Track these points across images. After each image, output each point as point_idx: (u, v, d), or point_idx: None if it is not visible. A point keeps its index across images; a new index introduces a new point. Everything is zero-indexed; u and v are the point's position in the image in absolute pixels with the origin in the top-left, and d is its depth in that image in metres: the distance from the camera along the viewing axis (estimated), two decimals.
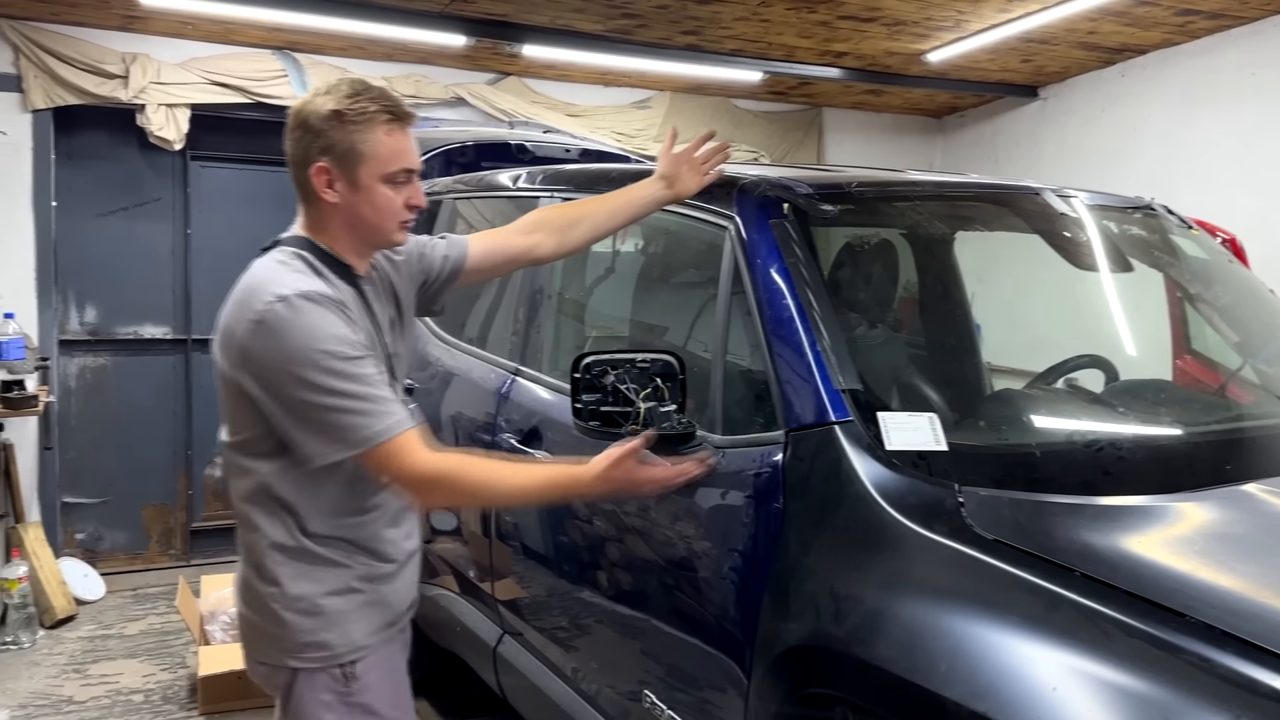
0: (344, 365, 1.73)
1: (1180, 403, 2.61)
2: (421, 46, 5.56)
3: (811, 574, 1.84)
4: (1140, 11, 4.99)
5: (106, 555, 5.67)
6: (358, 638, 1.89)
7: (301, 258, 1.84)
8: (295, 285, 1.75)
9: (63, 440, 5.45)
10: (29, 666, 4.40)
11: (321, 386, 1.72)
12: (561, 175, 3.18)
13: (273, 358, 1.73)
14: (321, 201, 1.86)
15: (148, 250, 5.72)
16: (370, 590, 1.91)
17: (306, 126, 1.83)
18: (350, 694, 1.89)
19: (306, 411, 1.74)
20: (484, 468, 1.88)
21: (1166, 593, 1.47)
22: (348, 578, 1.89)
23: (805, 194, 2.29)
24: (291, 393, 1.73)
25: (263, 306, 1.73)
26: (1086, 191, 2.75)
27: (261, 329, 1.72)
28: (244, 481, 1.89)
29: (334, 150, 1.82)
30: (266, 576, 1.87)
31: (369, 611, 1.91)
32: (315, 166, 1.83)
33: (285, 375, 1.72)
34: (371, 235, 1.90)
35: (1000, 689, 1.44)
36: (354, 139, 1.81)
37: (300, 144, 1.85)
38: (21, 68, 5.11)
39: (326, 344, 1.73)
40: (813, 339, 2.00)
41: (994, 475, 1.87)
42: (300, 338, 1.72)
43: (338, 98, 1.82)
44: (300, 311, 1.72)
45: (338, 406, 1.73)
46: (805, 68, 6.00)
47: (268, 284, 1.76)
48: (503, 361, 3.08)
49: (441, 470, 1.80)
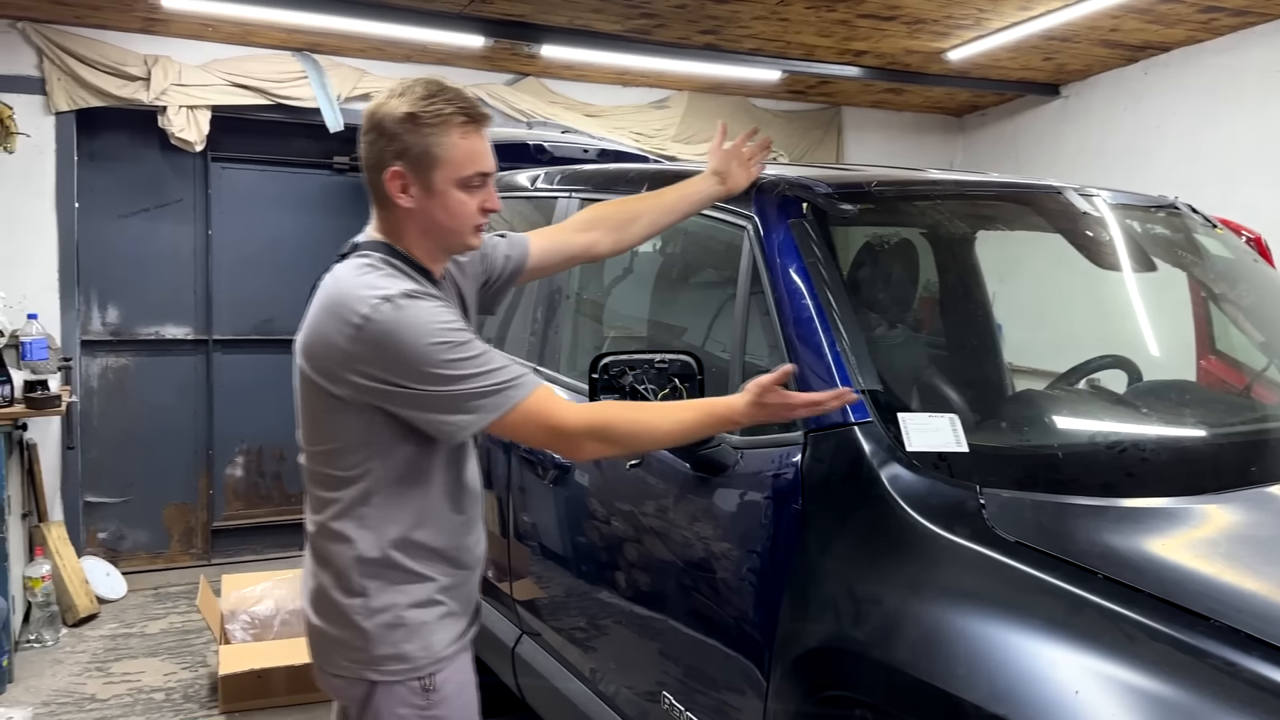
0: (462, 348, 1.72)
1: (1204, 403, 2.58)
2: (440, 48, 5.57)
3: (831, 575, 1.83)
4: (1163, 9, 4.95)
5: (128, 554, 5.71)
6: (438, 649, 1.86)
7: (388, 263, 1.81)
8: (394, 286, 1.73)
9: (85, 440, 5.50)
10: (52, 664, 4.44)
11: (448, 374, 1.70)
12: (580, 175, 3.18)
13: (390, 357, 1.70)
14: (396, 206, 1.83)
15: (169, 251, 5.76)
16: (450, 601, 1.90)
17: (381, 129, 1.80)
18: (429, 706, 1.86)
19: (441, 399, 1.72)
20: (632, 412, 1.85)
21: (1191, 596, 1.46)
22: (431, 589, 1.87)
23: (824, 193, 2.28)
24: (420, 386, 1.71)
25: (367, 309, 1.70)
26: (1109, 190, 2.72)
27: (368, 332, 1.70)
28: (329, 493, 1.85)
29: (408, 154, 1.78)
30: (350, 588, 1.84)
31: (448, 622, 1.89)
32: (389, 171, 1.80)
33: (410, 372, 1.70)
34: (446, 240, 1.87)
35: (1021, 692, 1.43)
36: (429, 142, 1.78)
37: (374, 147, 1.81)
38: (45, 70, 5.15)
39: (440, 334, 1.71)
40: (832, 339, 1.99)
41: (1016, 477, 1.86)
42: (415, 332, 1.70)
43: (412, 99, 1.78)
44: (406, 309, 1.70)
45: (471, 385, 1.71)
46: (825, 66, 5.98)
47: (363, 288, 1.73)
48: (521, 361, 3.07)
49: (592, 420, 1.79)
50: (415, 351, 1.70)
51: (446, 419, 1.74)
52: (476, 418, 1.74)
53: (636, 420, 1.83)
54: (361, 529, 1.83)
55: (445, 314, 1.75)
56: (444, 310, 1.76)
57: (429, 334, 1.71)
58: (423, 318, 1.72)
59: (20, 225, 5.19)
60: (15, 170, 5.16)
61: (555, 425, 1.77)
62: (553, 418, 1.76)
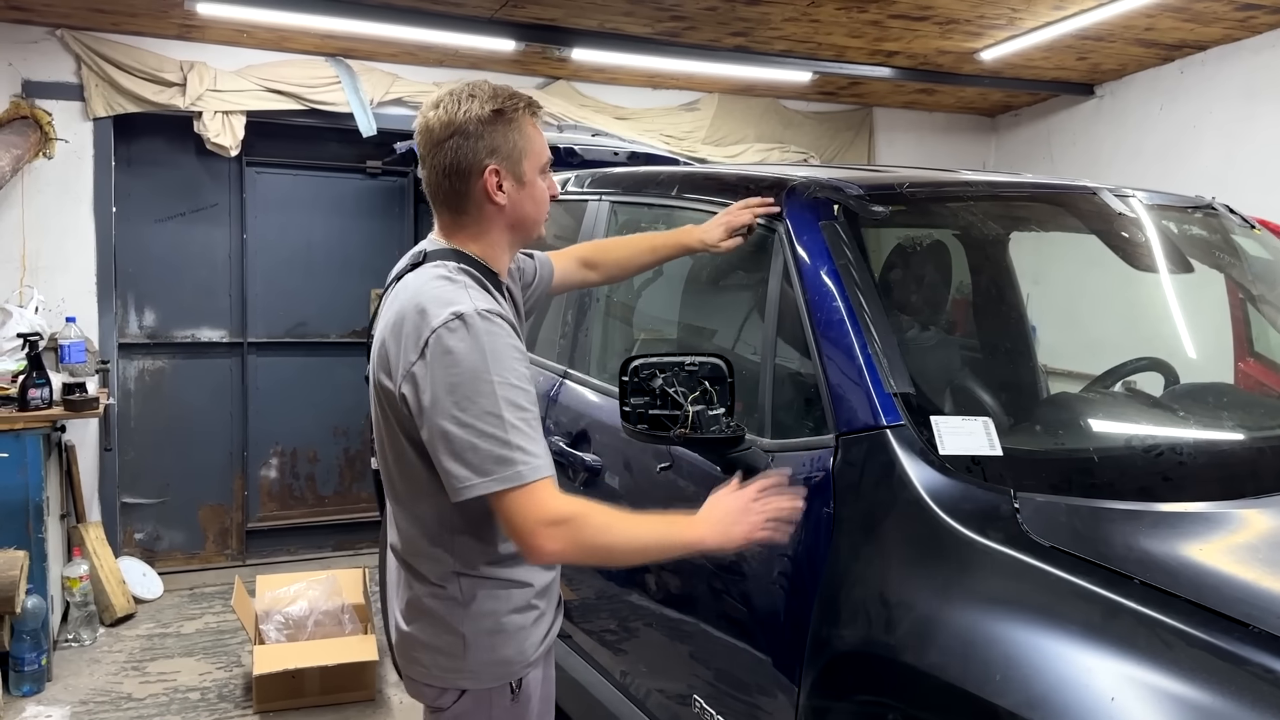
0: (515, 394, 1.68)
1: (1243, 406, 2.55)
2: (472, 52, 5.60)
3: (863, 580, 1.82)
4: (1199, 7, 4.88)
5: (164, 555, 5.78)
6: (529, 652, 1.89)
7: (466, 271, 1.79)
8: (471, 302, 1.70)
9: (122, 441, 5.57)
10: (90, 664, 4.50)
11: (487, 410, 1.65)
12: (610, 178, 3.18)
13: (444, 376, 1.66)
14: (486, 207, 1.84)
15: (205, 255, 5.83)
16: (542, 603, 1.92)
17: (465, 133, 1.79)
18: (514, 706, 1.89)
19: (461, 436, 1.65)
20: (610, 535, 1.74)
21: (1229, 601, 1.44)
22: (529, 595, 1.88)
23: (856, 195, 2.27)
24: (455, 413, 1.66)
25: (439, 324, 1.67)
26: (1145, 191, 2.69)
27: (439, 347, 1.66)
28: (413, 508, 1.85)
29: (500, 150, 1.81)
30: (452, 598, 1.83)
31: (539, 625, 1.91)
32: (488, 170, 1.80)
33: (455, 393, 1.66)
34: (529, 230, 1.92)
35: (1056, 698, 1.41)
36: (515, 136, 1.82)
37: (461, 151, 1.80)
38: (83, 77, 5.23)
39: (504, 368, 1.67)
40: (863, 341, 1.98)
41: (1050, 481, 1.84)
42: (479, 357, 1.66)
43: (488, 98, 1.81)
44: (478, 332, 1.67)
45: (494, 435, 1.65)
46: (856, 67, 5.95)
47: (439, 301, 1.70)
48: (551, 364, 3.09)
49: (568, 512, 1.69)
50: (471, 373, 1.66)
51: (452, 465, 1.67)
52: (476, 478, 1.65)
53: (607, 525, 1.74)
54: (463, 540, 1.82)
55: (517, 353, 1.72)
56: (516, 348, 1.73)
57: (495, 362, 1.67)
58: (494, 345, 1.68)
59: (59, 230, 5.27)
60: (54, 176, 5.24)
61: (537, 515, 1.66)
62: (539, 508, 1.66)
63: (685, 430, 2.01)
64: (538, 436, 1.71)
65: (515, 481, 1.65)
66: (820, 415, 2.02)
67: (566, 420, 2.87)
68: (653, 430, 2.05)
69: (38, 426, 4.33)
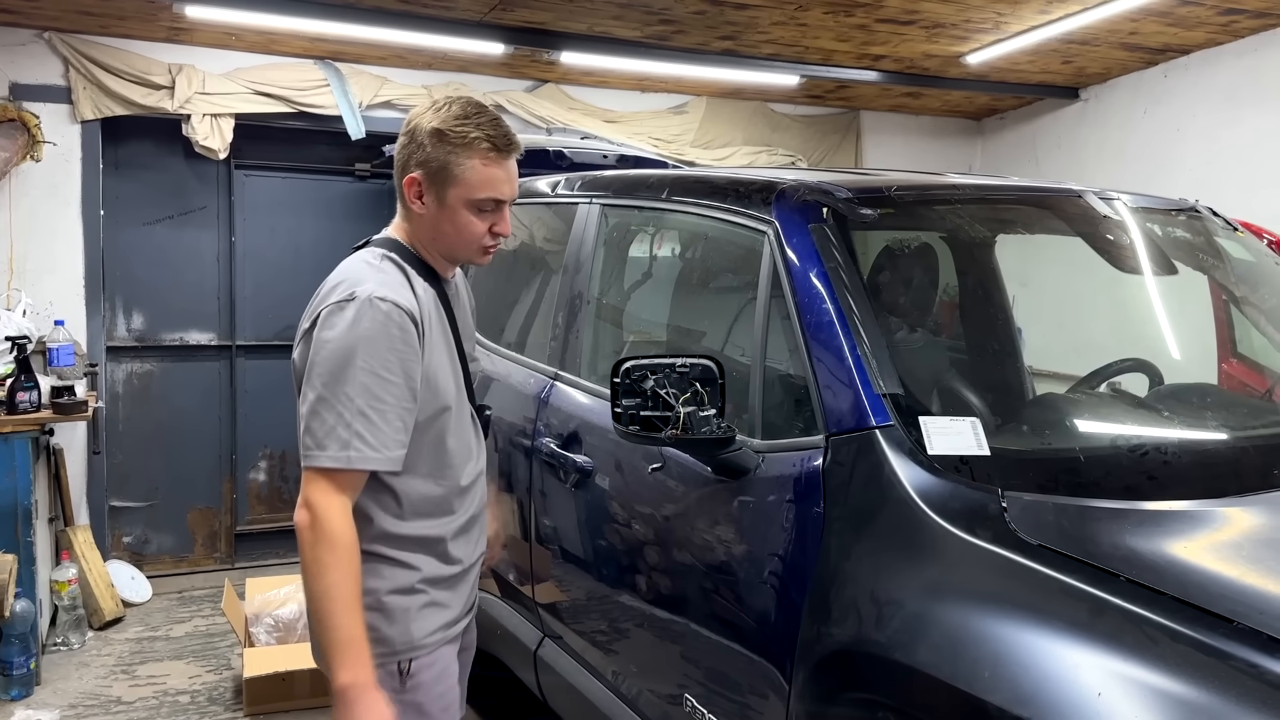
0: (375, 383, 1.79)
1: (1226, 406, 2.58)
2: (461, 55, 5.61)
3: (853, 579, 1.84)
4: (1183, 11, 4.93)
5: (153, 558, 5.77)
6: (416, 636, 1.94)
7: (389, 259, 1.92)
8: (373, 288, 1.82)
9: (110, 445, 5.56)
10: (79, 667, 4.49)
11: (345, 391, 1.77)
12: (599, 181, 3.20)
13: (320, 348, 1.80)
14: (411, 210, 1.95)
15: (193, 258, 5.82)
16: (432, 592, 1.97)
17: (411, 136, 1.91)
18: (403, 691, 1.93)
19: (316, 408, 1.79)
20: (331, 560, 1.77)
21: (1214, 598, 1.46)
22: (413, 578, 1.94)
23: (844, 198, 2.29)
24: (319, 384, 1.79)
25: (334, 301, 1.82)
26: (1129, 194, 2.72)
27: (327, 322, 1.80)
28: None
29: (428, 165, 1.89)
30: None
31: (429, 612, 1.96)
32: (409, 177, 1.92)
33: (324, 366, 1.79)
34: (450, 251, 1.98)
35: (1044, 694, 1.43)
36: (449, 160, 1.88)
37: (403, 152, 1.93)
38: (71, 79, 5.22)
39: (375, 356, 1.78)
40: (853, 343, 2.00)
41: (1037, 480, 1.86)
42: (354, 339, 1.78)
43: (445, 116, 1.88)
44: (363, 315, 1.79)
45: (341, 415, 1.78)
46: (843, 71, 5.99)
47: (346, 282, 1.85)
48: (542, 366, 3.10)
49: (318, 521, 1.77)
50: (342, 349, 1.79)
51: (302, 433, 1.82)
52: (305, 450, 1.81)
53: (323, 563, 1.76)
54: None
55: (397, 345, 1.81)
56: (400, 341, 1.81)
57: (367, 344, 1.78)
58: (374, 330, 1.79)
59: (47, 233, 5.25)
60: (42, 178, 5.23)
61: (309, 499, 1.78)
62: (320, 495, 1.78)
63: (676, 431, 2.02)
64: (386, 428, 1.80)
65: (342, 464, 1.78)
66: (810, 416, 2.04)
67: (558, 422, 2.88)
68: (644, 431, 2.06)
69: (26, 430, 4.32)
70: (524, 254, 3.69)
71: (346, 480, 1.81)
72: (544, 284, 3.36)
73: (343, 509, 1.79)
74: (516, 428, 3.09)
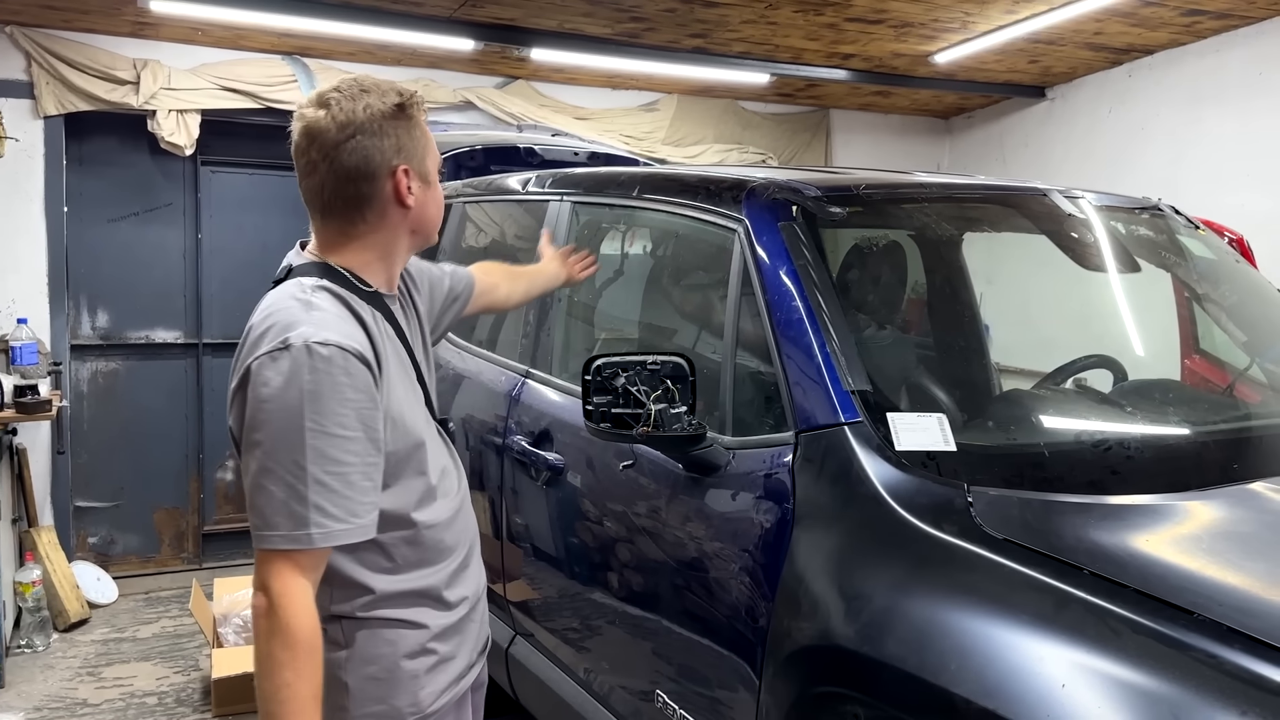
0: (328, 444, 1.51)
1: (1188, 402, 2.62)
2: (431, 51, 5.59)
3: (822, 573, 1.85)
4: (1147, 12, 4.99)
5: (119, 559, 5.71)
6: (425, 703, 1.72)
7: (323, 289, 1.63)
8: (310, 331, 1.54)
9: (75, 444, 5.49)
10: (43, 670, 4.43)
11: (293, 459, 1.50)
12: (570, 178, 3.20)
13: (255, 411, 1.52)
14: (391, 211, 1.68)
15: (159, 255, 5.76)
16: (445, 647, 1.76)
17: (369, 131, 1.62)
18: None
19: (260, 481, 1.52)
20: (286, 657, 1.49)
21: (1174, 590, 1.49)
22: (423, 638, 1.72)
23: (813, 196, 2.31)
24: (259, 454, 1.52)
25: (264, 352, 1.54)
26: (1093, 192, 2.75)
27: (260, 378, 1.52)
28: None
29: (406, 149, 1.67)
30: (334, 642, 1.66)
31: (438, 672, 1.74)
32: (399, 170, 1.66)
33: (262, 431, 1.51)
34: (430, 234, 1.79)
35: (1009, 686, 1.45)
36: (417, 133, 1.69)
37: (368, 152, 1.63)
38: (34, 74, 5.15)
39: (323, 413, 1.51)
40: (822, 340, 2.01)
41: (1003, 475, 1.88)
42: (295, 396, 1.51)
43: (381, 94, 1.64)
44: (301, 367, 1.51)
45: (294, 488, 1.50)
46: (812, 70, 6.02)
47: (277, 326, 1.56)
48: (513, 364, 3.09)
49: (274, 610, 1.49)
50: (283, 409, 1.51)
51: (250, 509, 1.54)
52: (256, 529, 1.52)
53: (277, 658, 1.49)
54: (327, 583, 1.64)
55: (347, 393, 1.53)
56: (349, 389, 1.53)
57: (312, 400, 1.50)
58: (320, 385, 1.51)
59: (9, 230, 5.18)
60: (3, 174, 5.16)
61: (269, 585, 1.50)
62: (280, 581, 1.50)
63: (647, 429, 2.03)
64: (351, 493, 1.54)
65: (302, 545, 1.51)
66: (780, 413, 2.05)
67: (529, 420, 2.88)
68: (615, 429, 2.07)
69: None
70: (495, 252, 3.68)
71: (307, 560, 1.52)
72: None
73: (303, 593, 1.51)
74: (488, 426, 3.09)
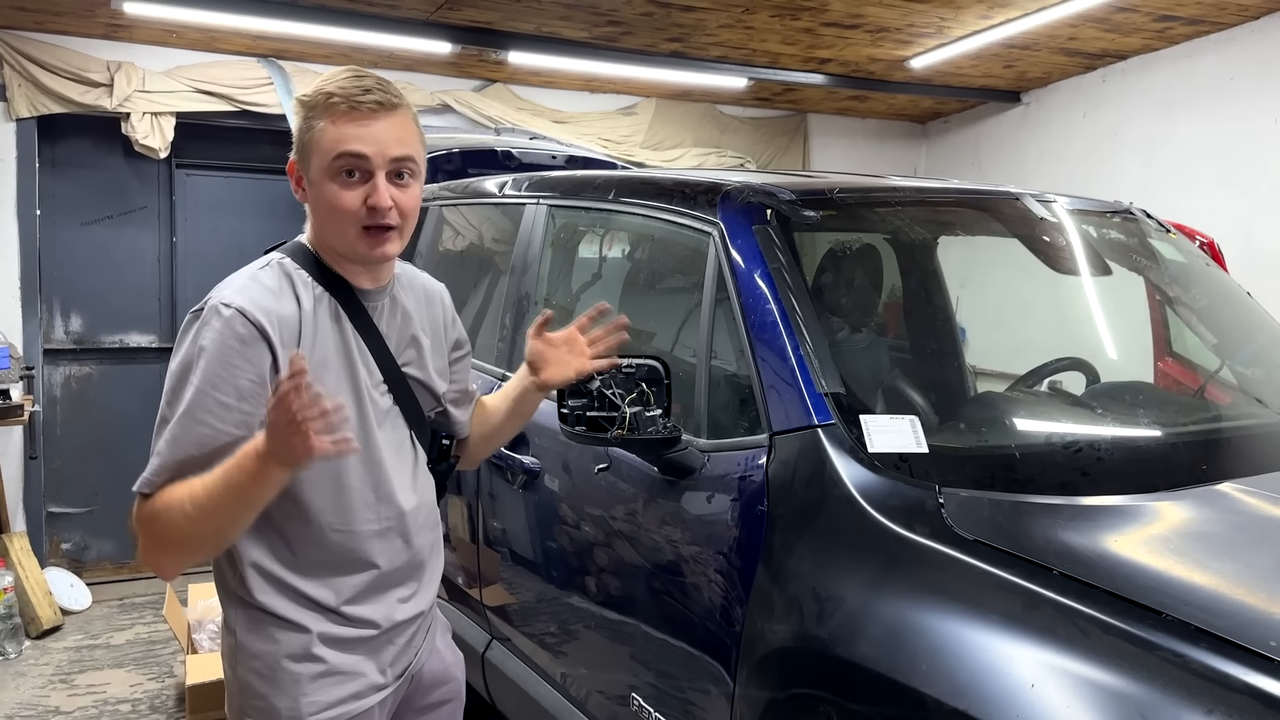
0: (200, 398, 1.53)
1: (1158, 404, 2.64)
2: (407, 54, 5.57)
3: (795, 575, 1.86)
4: (1120, 18, 5.04)
5: (93, 565, 5.65)
6: (305, 710, 1.66)
7: (279, 265, 1.68)
8: (229, 294, 1.59)
9: (48, 450, 5.44)
10: (15, 677, 4.39)
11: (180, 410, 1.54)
12: (548, 182, 3.20)
13: (171, 363, 1.60)
14: (306, 200, 1.70)
15: (133, 259, 5.71)
16: (338, 659, 1.69)
17: (297, 113, 1.67)
18: None
19: (157, 427, 1.58)
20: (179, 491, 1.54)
21: (1143, 591, 1.50)
22: (304, 641, 1.66)
23: (788, 200, 2.31)
24: (162, 402, 1.58)
25: (191, 311, 1.62)
26: (1066, 196, 2.77)
27: (180, 336, 1.59)
28: None
29: (296, 144, 1.67)
30: (227, 626, 1.70)
31: (326, 683, 1.68)
32: (290, 163, 1.69)
33: (169, 381, 1.58)
34: (335, 242, 1.68)
35: (980, 686, 1.46)
36: (306, 126, 1.63)
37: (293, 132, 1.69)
38: (5, 76, 5.10)
39: (210, 371, 1.54)
40: (796, 343, 2.02)
41: (974, 476, 1.90)
42: (194, 352, 1.56)
43: (327, 82, 1.64)
44: (206, 326, 1.56)
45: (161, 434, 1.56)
46: (789, 74, 6.04)
47: (217, 289, 1.63)
48: (490, 367, 3.09)
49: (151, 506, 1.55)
50: (180, 360, 1.58)
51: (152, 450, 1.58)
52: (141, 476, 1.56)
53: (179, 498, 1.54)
54: (227, 559, 1.66)
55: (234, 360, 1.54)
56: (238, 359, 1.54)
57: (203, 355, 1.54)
58: (213, 344, 1.54)
59: None
60: None
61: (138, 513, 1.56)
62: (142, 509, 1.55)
63: (622, 432, 2.03)
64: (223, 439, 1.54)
65: (143, 489, 1.56)
66: (755, 415, 2.06)
67: None
68: (590, 432, 2.08)
69: None
70: (471, 254, 3.68)
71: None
72: (492, 285, 3.35)
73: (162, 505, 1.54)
74: None
